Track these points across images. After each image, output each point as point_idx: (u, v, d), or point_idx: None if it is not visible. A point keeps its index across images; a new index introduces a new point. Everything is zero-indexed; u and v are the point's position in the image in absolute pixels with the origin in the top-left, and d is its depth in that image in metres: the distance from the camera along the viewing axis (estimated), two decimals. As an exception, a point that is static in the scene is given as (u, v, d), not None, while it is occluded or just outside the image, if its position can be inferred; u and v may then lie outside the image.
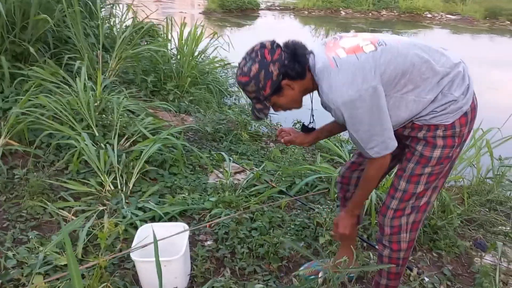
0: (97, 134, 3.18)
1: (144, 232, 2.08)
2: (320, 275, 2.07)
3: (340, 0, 16.91)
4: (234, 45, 5.50)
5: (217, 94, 5.22)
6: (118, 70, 4.66)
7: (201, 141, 3.70)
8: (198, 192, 2.87)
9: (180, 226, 2.13)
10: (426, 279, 2.21)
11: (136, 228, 2.38)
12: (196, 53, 5.13)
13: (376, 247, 2.35)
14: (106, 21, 5.38)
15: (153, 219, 2.51)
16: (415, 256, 2.41)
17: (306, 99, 1.70)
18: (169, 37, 5.18)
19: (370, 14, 16.27)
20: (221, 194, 2.79)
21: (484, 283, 2.04)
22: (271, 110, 1.65)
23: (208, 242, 2.40)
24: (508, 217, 2.86)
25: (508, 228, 2.70)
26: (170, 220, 2.53)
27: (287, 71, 1.48)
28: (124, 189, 2.78)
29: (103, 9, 5.38)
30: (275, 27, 14.78)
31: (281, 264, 2.24)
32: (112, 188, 2.77)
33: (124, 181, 2.83)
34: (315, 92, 1.62)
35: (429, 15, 15.91)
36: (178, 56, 4.99)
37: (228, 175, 2.96)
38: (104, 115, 3.29)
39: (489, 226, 2.76)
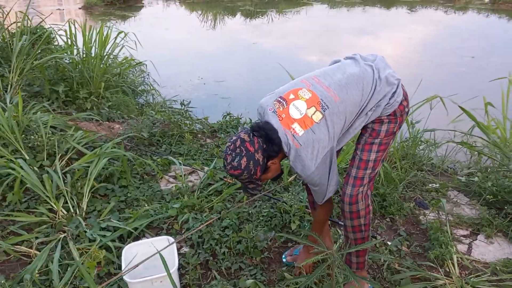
0: (27, 158, 2.95)
1: (129, 252, 2.04)
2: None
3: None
4: (126, 39, 5.25)
5: (132, 95, 5.07)
6: (21, 84, 4.28)
7: (139, 147, 3.59)
8: (156, 201, 2.82)
9: (164, 239, 2.12)
10: (389, 243, 2.47)
11: (106, 249, 2.30)
12: (104, 55, 4.87)
13: (340, 222, 2.57)
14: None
15: (121, 237, 2.44)
16: (373, 225, 2.67)
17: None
18: (73, 41, 4.83)
19: (254, -5, 16.74)
20: (181, 199, 2.78)
21: (440, 237, 2.35)
22: None
23: (185, 249, 2.41)
24: (434, 175, 3.27)
25: (437, 185, 3.10)
26: (138, 234, 2.48)
27: (269, 154, 1.70)
28: (78, 212, 2.63)
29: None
30: (163, 16, 14.45)
31: (263, 256, 2.34)
32: (65, 212, 2.61)
33: (75, 203, 2.68)
34: None
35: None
36: (86, 62, 4.68)
37: (183, 179, 2.95)
38: (33, 136, 3.04)
39: (421, 185, 3.14)
